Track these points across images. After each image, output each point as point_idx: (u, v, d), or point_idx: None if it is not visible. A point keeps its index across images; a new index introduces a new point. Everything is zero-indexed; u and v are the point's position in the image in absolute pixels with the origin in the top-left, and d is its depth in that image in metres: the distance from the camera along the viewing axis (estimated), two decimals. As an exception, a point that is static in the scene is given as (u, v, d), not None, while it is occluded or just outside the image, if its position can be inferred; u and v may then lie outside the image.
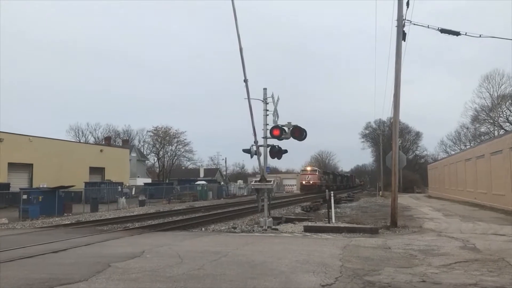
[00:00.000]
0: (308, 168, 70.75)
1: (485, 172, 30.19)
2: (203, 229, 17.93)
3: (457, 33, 16.34)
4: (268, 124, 17.37)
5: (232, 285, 7.06)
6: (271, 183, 17.27)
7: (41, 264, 9.34)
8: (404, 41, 17.08)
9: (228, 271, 8.16)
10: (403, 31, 16.98)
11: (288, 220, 19.74)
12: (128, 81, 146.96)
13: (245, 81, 16.14)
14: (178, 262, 9.24)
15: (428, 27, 16.30)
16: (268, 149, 17.58)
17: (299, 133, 17.07)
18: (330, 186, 64.00)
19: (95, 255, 10.39)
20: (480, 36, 16.21)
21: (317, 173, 68.31)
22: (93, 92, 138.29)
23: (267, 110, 17.39)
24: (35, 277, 7.83)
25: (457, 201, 36.40)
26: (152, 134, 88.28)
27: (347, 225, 16.78)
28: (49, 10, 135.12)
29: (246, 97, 15.96)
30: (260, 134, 17.53)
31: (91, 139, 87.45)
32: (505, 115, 68.09)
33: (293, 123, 17.23)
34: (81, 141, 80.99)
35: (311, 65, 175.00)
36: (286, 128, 17.09)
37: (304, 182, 66.94)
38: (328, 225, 16.76)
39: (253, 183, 17.78)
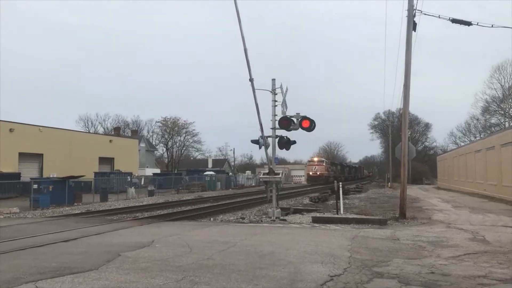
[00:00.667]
0: (315, 159, 69.53)
1: (495, 163, 29.95)
2: (211, 219, 18.01)
3: (468, 23, 16.13)
4: (276, 115, 17.32)
5: (241, 275, 7.10)
6: (280, 176, 17.29)
7: (51, 253, 9.45)
8: (415, 31, 16.89)
9: (237, 261, 8.21)
10: (414, 21, 16.79)
11: (296, 211, 19.76)
12: (137, 71, 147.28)
13: (251, 80, 16.21)
14: (187, 251, 9.30)
15: (439, 17, 16.11)
16: (277, 140, 17.56)
17: (308, 124, 17.00)
18: (337, 177, 63.38)
19: (105, 245, 10.50)
20: (492, 26, 15.98)
21: (324, 164, 67.26)
22: (102, 83, 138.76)
23: (275, 101, 17.33)
24: (46, 265, 7.93)
25: (467, 192, 36.19)
26: (160, 124, 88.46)
27: (355, 216, 16.77)
28: None
29: (253, 94, 15.98)
30: (268, 125, 17.53)
31: (100, 130, 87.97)
32: (516, 106, 67.35)
33: (302, 114, 17.17)
34: (91, 131, 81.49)
35: (319, 54, 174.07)
36: (294, 119, 17.04)
37: (311, 173, 65.96)
38: (336, 216, 16.76)
39: (261, 176, 17.81)
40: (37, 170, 42.21)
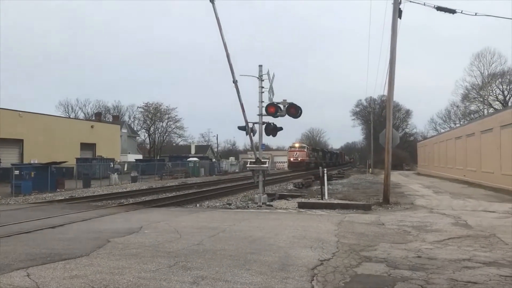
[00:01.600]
0: (296, 145, 67.41)
1: (475, 150, 30.58)
2: (197, 205, 18.04)
3: (453, 11, 16.31)
4: (263, 102, 17.35)
5: (232, 260, 7.19)
6: (266, 165, 17.44)
7: (40, 239, 9.40)
8: (400, 18, 17.01)
9: (227, 247, 8.29)
10: (399, 8, 16.90)
11: (282, 197, 19.93)
12: (118, 55, 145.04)
13: (235, 82, 16.33)
14: (177, 237, 9.35)
15: (424, 4, 16.23)
16: (264, 126, 17.61)
17: (294, 111, 17.08)
18: (319, 163, 63.70)
19: (93, 231, 10.47)
20: (475, 15, 16.19)
21: (305, 150, 65.91)
22: (82, 67, 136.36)
23: (262, 87, 17.34)
24: (36, 252, 7.89)
25: (447, 178, 36.90)
26: (142, 110, 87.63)
27: (340, 201, 17.01)
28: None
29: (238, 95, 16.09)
30: (255, 111, 17.56)
31: (81, 115, 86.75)
32: (494, 94, 68.63)
33: (287, 101, 17.22)
34: (71, 117, 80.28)
35: (303, 40, 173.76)
36: (281, 106, 17.08)
37: (292, 159, 64.63)
38: (321, 201, 16.98)
39: (248, 165, 17.91)
40: (17, 156, 41.54)
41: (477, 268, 6.69)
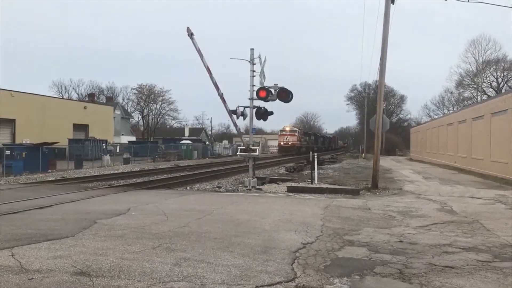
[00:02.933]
0: (287, 128, 64.20)
1: (466, 136, 30.77)
2: (188, 188, 18.15)
3: (446, -3, 16.25)
4: (254, 85, 17.32)
5: (216, 242, 7.27)
6: (256, 153, 17.50)
7: (27, 219, 9.43)
8: (393, 4, 16.95)
9: (213, 229, 8.37)
10: (393, -7, 16.80)
11: (272, 181, 20.06)
12: (112, 36, 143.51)
13: (221, 95, 16.98)
14: (164, 219, 9.42)
15: (417, -10, 16.13)
16: (254, 110, 17.61)
17: (285, 95, 17.08)
18: (310, 148, 62.56)
19: (81, 212, 10.51)
20: (468, 1, 16.15)
21: (296, 133, 63.49)
22: (76, 47, 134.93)
23: (253, 71, 17.28)
24: (21, 232, 7.93)
25: (438, 164, 37.19)
26: (136, 91, 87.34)
27: (329, 186, 17.14)
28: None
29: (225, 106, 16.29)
30: (246, 95, 17.55)
31: (74, 96, 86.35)
32: (488, 81, 68.87)
33: (280, 85, 17.20)
34: (64, 97, 79.74)
35: (299, 22, 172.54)
36: (272, 90, 17.06)
37: (282, 143, 62.41)
38: (311, 185, 17.09)
39: (238, 153, 17.95)
40: (9, 136, 41.32)
41: (456, 253, 6.82)
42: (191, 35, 15.93)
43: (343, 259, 6.40)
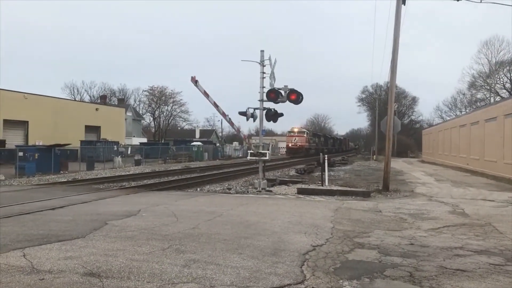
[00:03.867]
0: (295, 129, 61.79)
1: (478, 138, 30.43)
2: (198, 189, 18.18)
3: (457, -2, 16.11)
4: (264, 87, 17.32)
5: (226, 244, 7.27)
6: (266, 157, 17.74)
7: (39, 220, 9.53)
8: (404, 5, 16.87)
9: (222, 231, 8.38)
10: (404, -6, 16.71)
11: (282, 182, 20.00)
12: (124, 38, 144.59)
13: (228, 120, 17.83)
14: (174, 221, 9.45)
15: (429, -9, 16.02)
16: (264, 112, 17.61)
17: (295, 97, 17.05)
18: (320, 150, 62.30)
19: (92, 213, 10.59)
20: (481, 2, 15.99)
21: (305, 135, 61.47)
22: (88, 49, 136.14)
23: (263, 73, 17.29)
24: (33, 233, 8.02)
25: (450, 166, 36.83)
26: (147, 93, 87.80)
27: (340, 188, 17.07)
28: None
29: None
30: (257, 97, 17.55)
31: (86, 98, 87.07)
32: (502, 82, 68.07)
33: (290, 86, 17.17)
34: (76, 99, 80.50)
35: (311, 25, 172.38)
36: (282, 92, 17.05)
37: (290, 145, 60.31)
38: (321, 187, 17.03)
39: (248, 157, 18.11)
40: (22, 138, 41.83)
41: (468, 256, 6.74)
42: (195, 82, 16.29)
43: (353, 262, 6.36)
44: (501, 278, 5.61)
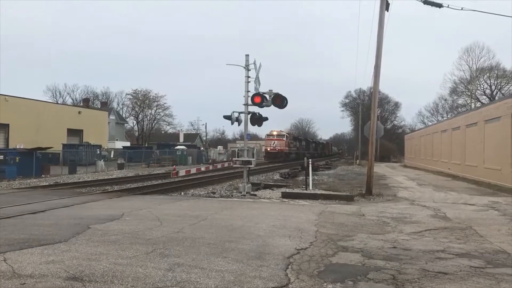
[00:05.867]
0: (274, 133, 57.88)
1: (459, 143, 30.92)
2: (182, 193, 18.10)
3: (439, 5, 16.38)
4: (249, 91, 17.36)
5: (210, 248, 7.25)
6: (252, 164, 17.91)
7: (20, 224, 9.38)
8: (388, 11, 17.07)
9: (206, 235, 8.36)
10: (387, 1, 16.93)
11: (267, 186, 20.05)
12: (107, 40, 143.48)
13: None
14: (158, 225, 9.40)
15: (411, -2, 16.27)
16: (249, 116, 17.65)
17: (280, 101, 17.13)
18: (301, 154, 61.48)
19: (74, 217, 10.46)
20: (461, 9, 16.30)
21: (284, 138, 57.95)
22: (71, 52, 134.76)
23: (248, 77, 17.34)
24: (14, 237, 7.89)
25: (432, 171, 37.31)
26: (131, 97, 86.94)
27: (323, 192, 17.16)
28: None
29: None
30: (241, 101, 17.57)
31: (69, 101, 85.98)
32: (482, 88, 69.32)
33: (275, 91, 17.24)
34: (59, 102, 79.48)
35: (295, 30, 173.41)
36: (267, 96, 17.12)
37: (269, 149, 56.50)
38: (305, 191, 17.10)
39: (236, 165, 18.53)
40: (2, 141, 41.20)
41: (450, 259, 6.84)
42: None
43: (337, 265, 6.40)
44: (482, 280, 5.70)
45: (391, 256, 7.00)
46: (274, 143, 56.60)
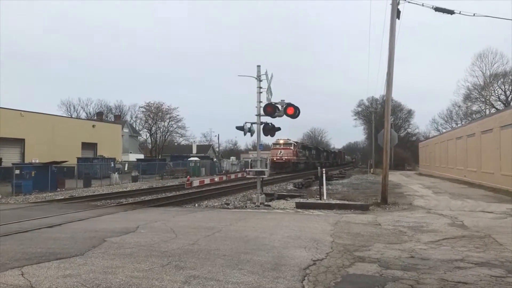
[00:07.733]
0: (281, 141, 53.56)
1: (475, 150, 30.55)
2: (196, 205, 18.11)
3: (451, 12, 16.31)
4: (261, 102, 17.38)
5: (226, 259, 7.23)
6: (265, 175, 17.94)
7: (37, 238, 9.46)
8: (399, 19, 17.04)
9: (222, 246, 8.33)
10: (398, 9, 16.91)
11: (280, 197, 19.96)
12: (120, 55, 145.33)
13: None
14: (173, 237, 9.40)
15: (423, 5, 16.24)
16: (262, 126, 17.65)
17: (292, 111, 17.11)
18: (311, 164, 60.58)
19: (90, 230, 10.52)
20: (474, 15, 16.20)
21: (292, 147, 53.92)
22: (85, 66, 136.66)
23: (260, 88, 17.37)
24: (32, 251, 7.95)
25: (447, 178, 36.87)
26: (144, 109, 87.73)
27: (338, 201, 17.04)
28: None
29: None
30: (254, 112, 17.61)
31: (83, 115, 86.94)
32: (496, 94, 68.43)
33: (287, 101, 17.25)
34: (73, 116, 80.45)
35: (308, 40, 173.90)
36: (279, 106, 17.12)
37: (275, 159, 51.85)
38: (319, 201, 17.00)
39: (249, 175, 18.70)
40: (18, 156, 41.68)
41: (469, 269, 6.72)
42: None
43: (353, 276, 6.33)
44: (503, 290, 5.59)
45: (409, 266, 6.90)
46: (280, 152, 52.95)
